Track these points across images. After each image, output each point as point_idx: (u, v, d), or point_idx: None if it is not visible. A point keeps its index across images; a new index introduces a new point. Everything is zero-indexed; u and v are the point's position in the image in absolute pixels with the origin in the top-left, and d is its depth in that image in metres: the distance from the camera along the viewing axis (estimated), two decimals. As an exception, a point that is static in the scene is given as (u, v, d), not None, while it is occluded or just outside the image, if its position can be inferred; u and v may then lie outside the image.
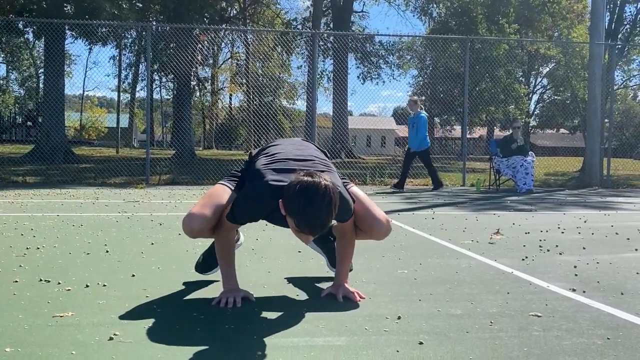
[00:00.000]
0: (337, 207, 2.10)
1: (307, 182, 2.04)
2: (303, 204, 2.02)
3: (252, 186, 2.32)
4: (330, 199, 2.04)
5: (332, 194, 2.05)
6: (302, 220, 2.04)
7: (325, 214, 2.03)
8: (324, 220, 2.05)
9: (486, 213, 6.27)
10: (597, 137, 11.95)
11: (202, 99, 38.46)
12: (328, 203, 2.03)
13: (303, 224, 2.04)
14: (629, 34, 21.18)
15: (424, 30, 34.14)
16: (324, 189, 2.03)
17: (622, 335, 2.04)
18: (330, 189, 2.05)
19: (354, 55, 26.68)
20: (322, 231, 2.09)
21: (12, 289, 2.52)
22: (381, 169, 12.58)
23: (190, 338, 1.92)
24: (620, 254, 3.74)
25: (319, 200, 2.01)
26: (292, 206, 2.04)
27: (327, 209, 2.03)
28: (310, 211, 2.01)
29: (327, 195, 2.03)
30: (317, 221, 2.03)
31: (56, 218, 5.06)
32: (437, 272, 3.08)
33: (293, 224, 2.08)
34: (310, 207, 2.01)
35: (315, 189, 2.02)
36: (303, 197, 2.01)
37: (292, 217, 2.06)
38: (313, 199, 2.01)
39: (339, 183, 2.32)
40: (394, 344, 1.90)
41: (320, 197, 2.01)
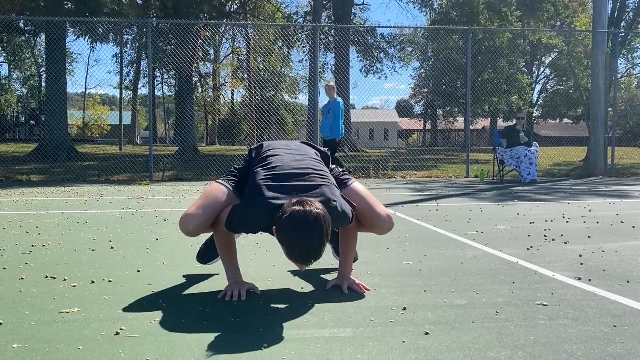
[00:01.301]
0: (330, 233, 2.08)
1: (299, 212, 2.01)
2: (295, 236, 2.01)
3: (250, 202, 2.26)
4: (322, 228, 2.02)
5: (323, 223, 2.02)
6: (295, 252, 2.03)
7: (318, 245, 2.03)
8: (317, 251, 2.04)
9: (491, 204, 6.26)
10: (601, 127, 11.90)
11: (204, 95, 38.44)
12: (319, 233, 2.01)
13: (296, 256, 2.04)
14: (632, 21, 21.04)
15: (426, 22, 34.02)
16: (315, 218, 2.01)
17: (629, 323, 2.03)
18: (322, 217, 2.03)
19: (355, 48, 26.61)
20: (316, 260, 2.08)
21: (18, 286, 2.53)
22: (384, 162, 12.56)
23: (196, 332, 1.92)
24: (626, 243, 3.73)
25: (310, 232, 1.99)
26: (284, 237, 2.04)
27: (319, 240, 2.02)
28: (302, 243, 2.01)
29: (319, 225, 2.01)
30: (310, 253, 2.03)
31: (61, 216, 5.07)
32: (442, 263, 3.08)
33: (286, 253, 2.08)
34: (302, 239, 2.00)
35: (306, 220, 2.00)
36: (295, 228, 2.00)
37: (284, 248, 2.06)
38: (305, 230, 1.99)
39: (337, 194, 2.29)
40: (400, 335, 1.90)
41: (311, 229, 2.00)
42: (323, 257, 3.06)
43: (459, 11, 25.20)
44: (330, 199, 2.19)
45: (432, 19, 29.82)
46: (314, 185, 2.25)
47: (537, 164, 9.80)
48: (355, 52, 26.82)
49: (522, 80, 26.27)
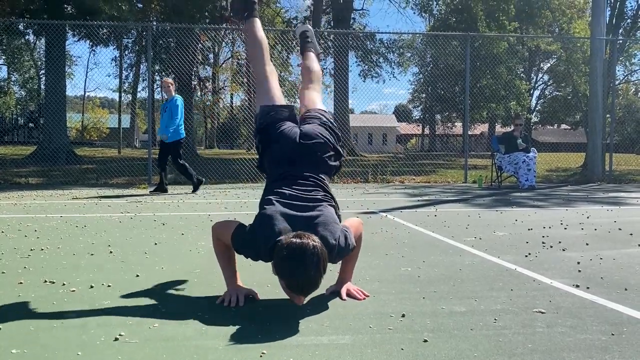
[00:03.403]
0: (326, 266, 2.14)
1: (296, 244, 2.06)
2: (292, 268, 2.06)
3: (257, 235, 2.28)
4: (319, 260, 2.07)
5: (320, 254, 2.07)
6: (293, 284, 2.09)
7: (314, 277, 2.08)
8: (314, 282, 2.09)
9: (489, 210, 6.27)
10: (598, 133, 11.94)
11: (204, 99, 38.45)
12: (317, 265, 2.06)
13: (294, 287, 2.09)
14: (630, 28, 21.12)
15: (424, 27, 34.12)
16: (312, 250, 2.06)
17: (627, 331, 2.04)
18: (319, 250, 2.08)
19: (354, 53, 26.66)
20: (314, 290, 2.14)
21: (17, 291, 2.52)
22: (383, 167, 12.58)
23: (195, 338, 1.92)
24: (624, 250, 3.74)
25: (307, 264, 2.04)
26: (282, 270, 2.09)
27: (316, 271, 2.07)
28: (300, 275, 2.06)
29: (315, 257, 2.06)
30: (307, 285, 2.09)
31: (59, 219, 5.07)
32: (441, 269, 3.08)
33: (284, 285, 2.13)
34: (299, 270, 2.05)
35: (303, 252, 2.05)
36: (292, 260, 2.05)
37: (282, 280, 2.11)
38: (302, 262, 2.04)
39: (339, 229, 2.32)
40: (399, 341, 1.90)
41: (308, 261, 2.04)
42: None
43: (457, 17, 25.28)
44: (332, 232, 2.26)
45: (431, 25, 29.91)
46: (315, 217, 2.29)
47: (535, 170, 9.81)
48: (354, 56, 26.88)
49: (520, 86, 26.31)
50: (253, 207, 6.56)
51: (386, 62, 28.03)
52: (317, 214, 2.31)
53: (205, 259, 3.29)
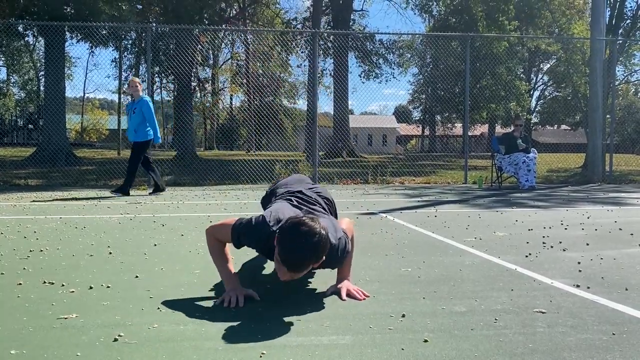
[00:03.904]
0: (324, 257, 2.18)
1: (307, 224, 2.12)
2: (292, 240, 2.09)
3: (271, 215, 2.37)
4: (318, 246, 2.10)
5: (322, 242, 2.12)
6: (286, 255, 2.10)
7: (308, 257, 2.11)
8: (305, 262, 2.12)
9: (489, 210, 6.26)
10: (599, 133, 11.93)
11: (203, 100, 38.46)
12: (314, 248, 2.09)
13: (284, 258, 2.11)
14: (630, 29, 21.13)
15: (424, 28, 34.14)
16: (318, 235, 2.10)
17: (627, 330, 2.03)
18: (323, 238, 2.12)
19: (354, 54, 26.66)
20: (298, 272, 2.15)
21: (16, 292, 2.52)
22: (383, 168, 12.58)
23: (194, 338, 1.92)
24: (624, 250, 3.74)
25: (307, 243, 2.08)
26: (283, 238, 2.12)
27: (312, 254, 2.10)
28: (296, 250, 2.09)
29: (317, 242, 2.10)
30: (298, 262, 2.11)
31: (59, 220, 5.06)
32: (441, 269, 3.08)
33: (276, 253, 2.14)
34: (298, 245, 2.08)
35: (309, 231, 2.09)
36: (296, 233, 2.09)
37: (278, 248, 2.13)
38: (304, 239, 2.08)
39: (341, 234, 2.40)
40: (399, 342, 1.90)
41: (309, 241, 2.08)
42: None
43: (457, 18, 25.29)
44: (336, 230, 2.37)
45: (431, 26, 29.92)
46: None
47: (535, 171, 9.81)
48: (354, 57, 26.88)
49: (520, 86, 26.32)
50: (253, 208, 6.56)
51: (386, 62, 28.04)
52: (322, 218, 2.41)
53: (204, 259, 3.28)
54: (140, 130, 7.79)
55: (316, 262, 2.16)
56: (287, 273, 2.16)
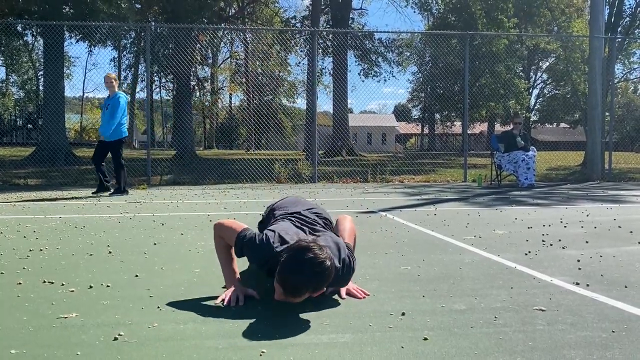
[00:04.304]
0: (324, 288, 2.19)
1: (314, 251, 2.09)
2: (293, 262, 2.08)
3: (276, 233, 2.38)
4: (320, 276, 2.08)
5: (325, 272, 2.09)
6: (283, 276, 2.09)
7: (307, 284, 2.09)
8: (300, 289, 2.09)
9: (488, 208, 6.27)
10: (598, 131, 11.93)
11: (202, 99, 38.46)
12: (316, 276, 2.08)
13: (282, 281, 2.10)
14: (629, 26, 21.13)
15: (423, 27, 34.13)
16: (323, 264, 2.08)
17: (627, 328, 2.04)
18: (327, 268, 2.09)
19: (353, 52, 26.66)
20: (294, 296, 2.13)
21: (16, 291, 2.52)
22: (382, 166, 12.58)
23: (195, 337, 1.92)
24: (624, 247, 3.74)
25: (311, 269, 2.06)
26: (288, 261, 2.10)
27: (311, 281, 2.08)
28: (296, 277, 2.07)
29: (320, 272, 2.07)
30: (295, 284, 2.08)
31: (58, 220, 5.06)
32: (441, 268, 3.08)
33: (277, 275, 2.13)
34: (299, 269, 2.06)
35: (314, 259, 2.07)
36: (300, 256, 2.08)
37: (279, 270, 2.12)
38: (307, 264, 2.06)
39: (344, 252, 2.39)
40: (399, 340, 1.90)
41: (313, 267, 2.06)
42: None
43: (456, 16, 25.28)
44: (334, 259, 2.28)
45: (430, 24, 29.91)
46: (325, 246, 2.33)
47: (534, 169, 9.81)
48: (353, 56, 26.88)
49: (519, 84, 26.33)
50: (252, 207, 6.56)
51: (385, 61, 28.04)
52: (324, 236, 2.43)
53: (204, 259, 3.29)
54: (116, 127, 7.59)
55: (314, 292, 2.15)
56: (282, 295, 2.15)
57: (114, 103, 7.61)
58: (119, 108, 7.57)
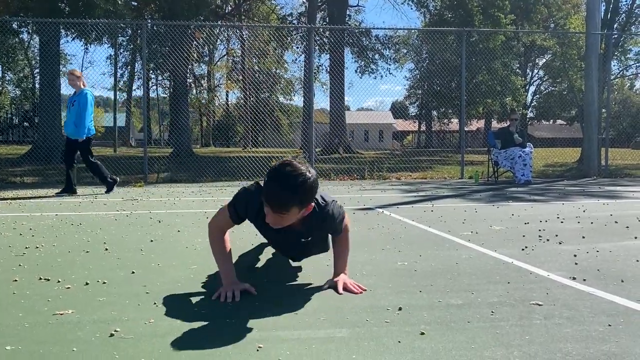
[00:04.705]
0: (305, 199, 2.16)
1: (293, 164, 2.13)
2: (275, 180, 2.11)
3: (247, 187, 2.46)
4: (303, 185, 2.10)
5: (307, 184, 2.11)
6: (267, 191, 2.13)
7: (291, 195, 2.10)
8: (287, 199, 2.11)
9: (485, 204, 6.27)
10: (594, 128, 11.96)
11: (199, 97, 38.39)
12: (299, 187, 2.09)
13: (265, 194, 2.13)
14: (625, 23, 21.16)
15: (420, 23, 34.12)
16: (303, 177, 2.10)
17: (623, 322, 2.04)
18: (307, 179, 2.11)
19: (350, 49, 26.66)
20: (282, 212, 2.13)
21: (11, 288, 2.51)
22: (379, 163, 12.58)
23: (191, 333, 1.91)
24: (620, 242, 3.75)
25: (291, 180, 2.09)
26: (268, 176, 2.14)
27: (294, 193, 2.10)
28: (275, 183, 2.10)
29: (303, 181, 2.10)
30: (279, 197, 2.10)
31: (55, 217, 5.05)
32: (437, 263, 3.08)
33: (263, 195, 2.17)
34: (280, 182, 2.09)
35: (294, 173, 2.09)
36: (280, 173, 2.11)
37: (263, 187, 2.16)
38: (286, 173, 2.09)
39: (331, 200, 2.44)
40: (396, 335, 1.90)
41: (293, 175, 2.09)
42: (318, 257, 3.07)
43: (453, 13, 25.28)
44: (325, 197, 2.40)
45: (427, 21, 29.89)
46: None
47: (531, 165, 9.83)
48: (349, 53, 26.88)
49: (515, 81, 26.34)
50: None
51: (382, 58, 28.03)
52: None
53: (201, 255, 3.28)
54: (80, 125, 7.26)
55: (300, 205, 2.15)
56: (273, 215, 2.16)
57: (81, 100, 7.26)
58: (88, 105, 7.26)
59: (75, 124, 7.25)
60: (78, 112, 7.23)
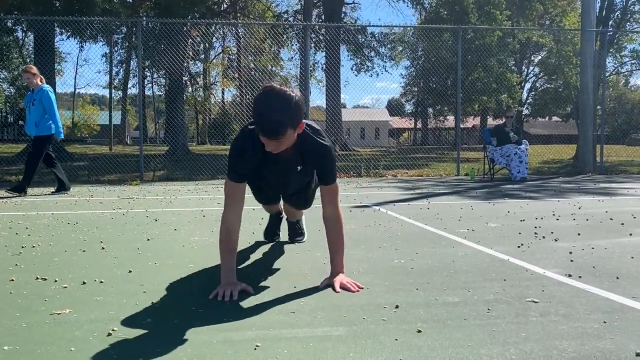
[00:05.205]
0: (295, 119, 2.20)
1: (277, 87, 2.17)
2: (262, 102, 2.14)
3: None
4: (289, 102, 2.15)
5: (294, 99, 2.16)
6: (256, 118, 2.16)
7: (281, 116, 2.14)
8: (278, 121, 2.14)
9: (481, 202, 6.29)
10: (589, 124, 12.00)
11: (195, 95, 38.29)
12: (287, 107, 2.14)
13: (256, 122, 2.17)
14: (620, 20, 21.22)
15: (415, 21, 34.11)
16: (288, 96, 2.15)
17: (618, 318, 2.05)
18: (293, 97, 2.16)
19: (346, 47, 26.62)
20: (275, 132, 2.17)
21: (8, 288, 2.51)
22: (376, 161, 12.58)
23: (189, 332, 1.92)
24: (615, 239, 3.77)
25: (279, 101, 2.13)
26: (256, 101, 2.17)
27: (284, 113, 2.14)
28: (265, 110, 2.14)
29: (288, 98, 2.14)
30: (271, 120, 2.14)
31: (51, 216, 5.04)
32: (434, 261, 3.09)
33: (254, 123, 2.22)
34: (268, 105, 2.14)
35: (278, 93, 2.15)
36: (263, 94, 2.16)
37: (253, 114, 2.19)
38: (272, 97, 2.14)
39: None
40: (393, 332, 1.91)
41: (279, 97, 2.14)
42: (314, 256, 3.08)
43: (448, 10, 25.28)
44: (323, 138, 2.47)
45: (423, 18, 29.88)
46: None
47: (526, 162, 9.86)
48: (345, 50, 26.85)
49: (511, 78, 26.38)
50: (246, 202, 6.53)
51: (378, 55, 28.02)
52: None
53: (198, 254, 3.28)
54: (42, 124, 6.99)
55: (292, 125, 2.19)
56: (267, 141, 2.21)
57: (41, 98, 6.96)
58: (49, 102, 6.98)
59: (37, 123, 6.97)
60: (40, 112, 6.96)
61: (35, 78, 7.05)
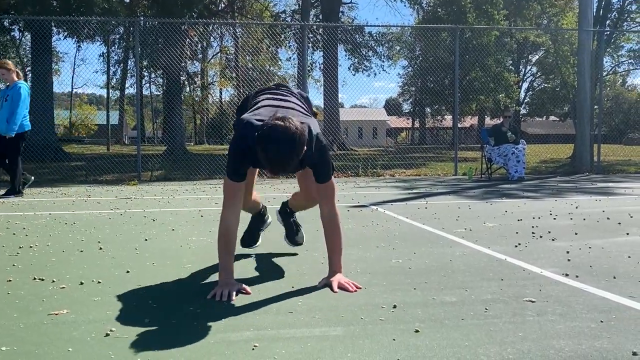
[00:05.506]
0: (303, 150, 2.24)
1: (279, 125, 2.17)
2: (270, 145, 2.16)
3: (234, 135, 2.49)
4: (295, 143, 2.17)
5: (298, 137, 2.18)
6: (267, 159, 2.19)
7: (288, 158, 2.18)
8: (286, 163, 2.19)
9: (479, 201, 6.30)
10: (587, 124, 12.02)
11: (192, 94, 38.23)
12: (292, 147, 2.17)
13: (267, 162, 2.20)
14: (617, 20, 21.25)
15: (413, 20, 34.14)
16: (292, 133, 2.16)
17: (615, 318, 2.06)
18: (298, 134, 2.18)
19: (343, 46, 26.62)
20: (283, 170, 2.23)
21: (6, 288, 2.50)
22: (373, 160, 12.59)
23: (186, 332, 1.92)
24: (612, 239, 3.78)
25: (283, 141, 2.15)
26: (261, 144, 2.18)
27: (290, 154, 2.17)
28: (275, 153, 2.16)
29: (293, 140, 2.16)
30: (279, 164, 2.19)
31: (48, 216, 5.03)
32: (431, 260, 3.10)
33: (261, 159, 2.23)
34: (274, 147, 2.15)
35: (284, 132, 2.15)
36: (271, 138, 2.16)
37: (260, 153, 2.21)
38: (278, 140, 2.15)
39: (318, 130, 2.49)
40: (390, 332, 1.91)
41: (286, 141, 2.15)
42: (313, 255, 3.09)
43: (446, 10, 25.30)
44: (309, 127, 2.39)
45: (420, 18, 29.90)
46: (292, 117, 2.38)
47: (524, 162, 9.88)
48: (343, 50, 26.84)
49: (508, 78, 26.41)
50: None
51: (375, 55, 28.02)
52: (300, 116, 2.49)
53: (195, 254, 3.28)
54: (14, 122, 6.83)
55: (297, 158, 2.23)
56: (273, 173, 2.28)
57: (14, 94, 6.79)
58: (21, 99, 6.81)
59: (8, 120, 6.78)
60: (11, 107, 6.78)
61: (10, 74, 6.90)
